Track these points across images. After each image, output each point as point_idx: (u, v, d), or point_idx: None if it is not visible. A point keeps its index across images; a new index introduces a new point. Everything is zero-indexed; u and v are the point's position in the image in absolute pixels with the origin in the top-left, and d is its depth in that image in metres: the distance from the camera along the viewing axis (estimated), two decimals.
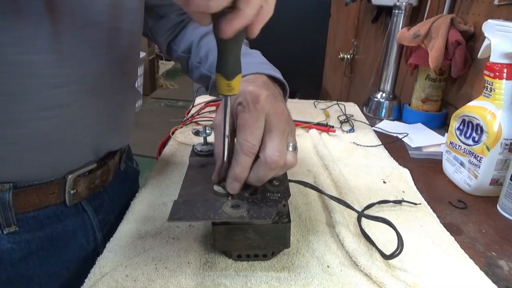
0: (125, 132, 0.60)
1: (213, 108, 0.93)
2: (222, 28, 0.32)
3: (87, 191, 0.52)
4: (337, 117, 0.95)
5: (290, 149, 0.41)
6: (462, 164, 0.66)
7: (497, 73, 0.60)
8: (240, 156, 0.39)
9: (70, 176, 0.48)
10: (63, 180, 0.48)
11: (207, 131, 0.51)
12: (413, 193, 0.62)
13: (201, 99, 1.01)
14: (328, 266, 0.44)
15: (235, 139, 0.40)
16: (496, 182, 0.62)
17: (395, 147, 0.81)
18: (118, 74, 0.50)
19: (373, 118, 1.02)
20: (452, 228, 0.54)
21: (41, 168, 0.45)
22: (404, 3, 0.98)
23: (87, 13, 0.42)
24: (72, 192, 0.49)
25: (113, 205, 0.58)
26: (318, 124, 0.87)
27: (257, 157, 0.40)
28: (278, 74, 0.50)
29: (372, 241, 0.48)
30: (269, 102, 0.40)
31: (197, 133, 0.51)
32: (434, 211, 0.57)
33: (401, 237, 0.45)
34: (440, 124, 0.96)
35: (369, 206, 0.56)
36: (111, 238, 0.48)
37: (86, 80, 0.45)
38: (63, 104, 0.43)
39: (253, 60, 0.53)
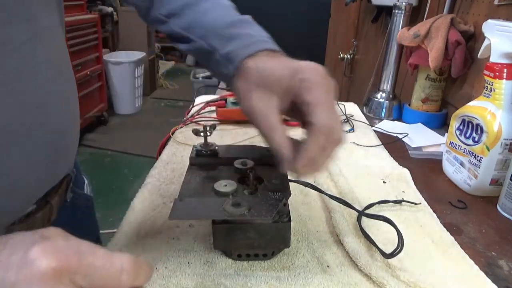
0: (70, 147, 0.48)
1: (213, 108, 0.92)
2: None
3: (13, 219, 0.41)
4: None
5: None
6: (462, 164, 0.66)
7: (497, 73, 0.60)
8: (320, 137, 0.36)
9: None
10: None
11: (208, 131, 0.51)
12: (413, 193, 0.62)
13: (201, 99, 1.01)
14: (328, 266, 0.44)
15: (309, 119, 0.36)
16: (496, 182, 0.62)
17: (395, 147, 0.81)
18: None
19: (373, 118, 1.02)
20: (452, 228, 0.54)
21: None
22: (404, 3, 0.98)
23: None
24: None
25: None
26: None
27: None
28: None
29: (372, 240, 0.48)
30: (326, 72, 0.37)
31: (197, 133, 0.51)
32: (434, 211, 0.57)
33: (401, 235, 0.45)
34: (440, 124, 0.96)
35: (369, 206, 0.56)
36: (112, 238, 0.48)
37: None
38: None
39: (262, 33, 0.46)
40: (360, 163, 0.72)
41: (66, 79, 0.45)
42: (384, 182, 0.65)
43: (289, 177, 0.47)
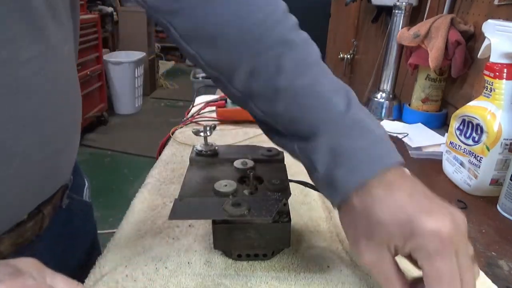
0: (68, 163, 0.46)
1: (213, 108, 0.92)
2: None
3: (13, 248, 0.39)
4: None
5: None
6: (462, 164, 0.66)
7: (497, 73, 0.60)
8: None
9: None
10: None
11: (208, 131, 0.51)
12: None
13: (201, 99, 1.01)
14: (328, 266, 0.44)
15: None
16: (496, 182, 0.62)
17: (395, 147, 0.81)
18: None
19: None
20: None
21: None
22: (404, 3, 0.98)
23: None
24: None
25: (52, 253, 0.45)
26: None
27: None
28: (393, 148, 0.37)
29: None
30: (453, 231, 0.30)
31: (197, 133, 0.51)
32: None
33: None
34: (440, 124, 0.96)
35: None
36: (111, 238, 0.48)
37: None
38: None
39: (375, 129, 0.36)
40: None
41: (71, 97, 0.43)
42: None
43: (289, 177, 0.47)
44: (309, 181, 0.40)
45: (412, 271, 0.44)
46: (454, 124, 0.68)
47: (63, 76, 0.40)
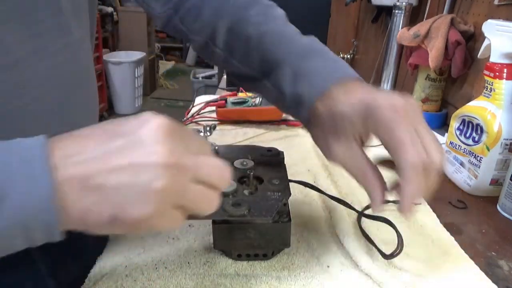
0: None
1: (213, 108, 0.92)
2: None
3: None
4: None
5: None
6: (462, 164, 0.66)
7: (497, 73, 0.60)
8: (412, 179, 0.34)
9: None
10: None
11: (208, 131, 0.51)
12: None
13: (201, 99, 1.01)
14: (328, 266, 0.44)
15: (395, 161, 0.35)
16: (496, 182, 0.62)
17: None
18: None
19: None
20: (452, 228, 0.54)
21: None
22: (404, 3, 0.98)
23: None
24: None
25: (68, 245, 0.47)
26: None
27: None
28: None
29: (372, 241, 0.48)
30: (406, 105, 0.35)
31: (197, 133, 0.51)
32: (434, 211, 0.57)
33: (401, 236, 0.45)
34: (440, 124, 0.96)
35: (369, 206, 0.56)
36: (111, 238, 0.48)
37: None
38: None
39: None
40: None
41: (90, 90, 0.46)
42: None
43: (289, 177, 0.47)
44: (309, 181, 0.40)
45: (411, 272, 0.44)
46: (454, 124, 0.68)
47: (84, 70, 0.45)
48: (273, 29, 0.44)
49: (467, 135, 0.65)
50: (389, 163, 0.36)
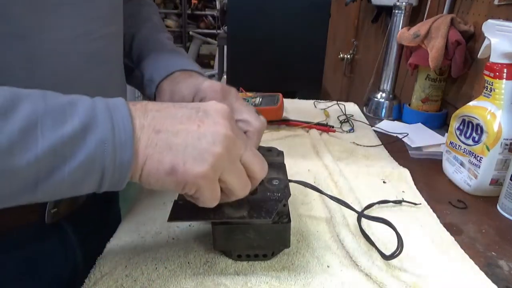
0: None
1: None
2: None
3: (69, 210, 0.47)
4: (337, 117, 0.95)
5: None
6: (462, 164, 0.66)
7: (497, 73, 0.60)
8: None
9: None
10: None
11: None
12: (413, 193, 0.62)
13: None
14: (328, 266, 0.44)
15: None
16: (496, 182, 0.62)
17: (395, 147, 0.81)
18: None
19: (373, 118, 1.02)
20: (452, 228, 0.54)
21: None
22: (404, 3, 0.98)
23: None
24: (52, 211, 0.44)
25: (93, 220, 0.54)
26: (318, 124, 0.87)
27: None
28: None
29: (372, 241, 0.48)
30: (223, 86, 0.47)
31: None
32: (434, 211, 0.57)
33: (401, 237, 0.45)
34: (440, 124, 0.96)
35: (369, 206, 0.56)
36: (111, 238, 0.48)
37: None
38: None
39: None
40: (360, 163, 0.72)
41: (122, 78, 0.53)
42: (384, 182, 0.65)
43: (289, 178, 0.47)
44: (309, 181, 0.41)
45: (411, 272, 0.44)
46: (454, 124, 0.68)
47: (120, 57, 0.51)
48: (146, 33, 0.58)
49: (467, 135, 0.65)
50: None
